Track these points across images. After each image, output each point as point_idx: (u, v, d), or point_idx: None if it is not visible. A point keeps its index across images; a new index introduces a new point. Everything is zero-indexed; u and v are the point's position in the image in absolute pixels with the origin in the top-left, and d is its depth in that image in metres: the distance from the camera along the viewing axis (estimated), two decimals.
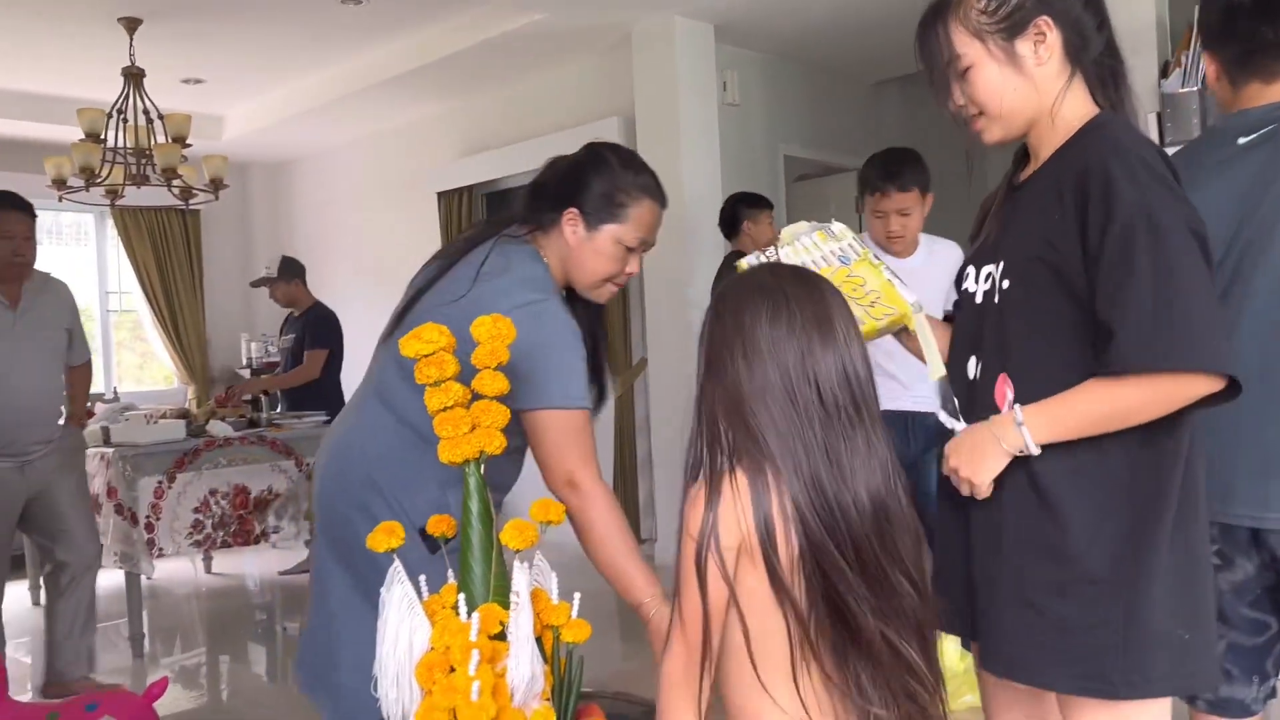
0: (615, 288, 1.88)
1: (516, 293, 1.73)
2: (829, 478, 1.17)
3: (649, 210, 1.82)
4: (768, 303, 1.22)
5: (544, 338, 1.70)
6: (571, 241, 1.82)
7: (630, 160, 1.85)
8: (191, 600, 5.20)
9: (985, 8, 1.36)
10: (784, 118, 5.79)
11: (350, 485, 1.79)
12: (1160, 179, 1.24)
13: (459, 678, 1.24)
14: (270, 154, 7.85)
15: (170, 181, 4.88)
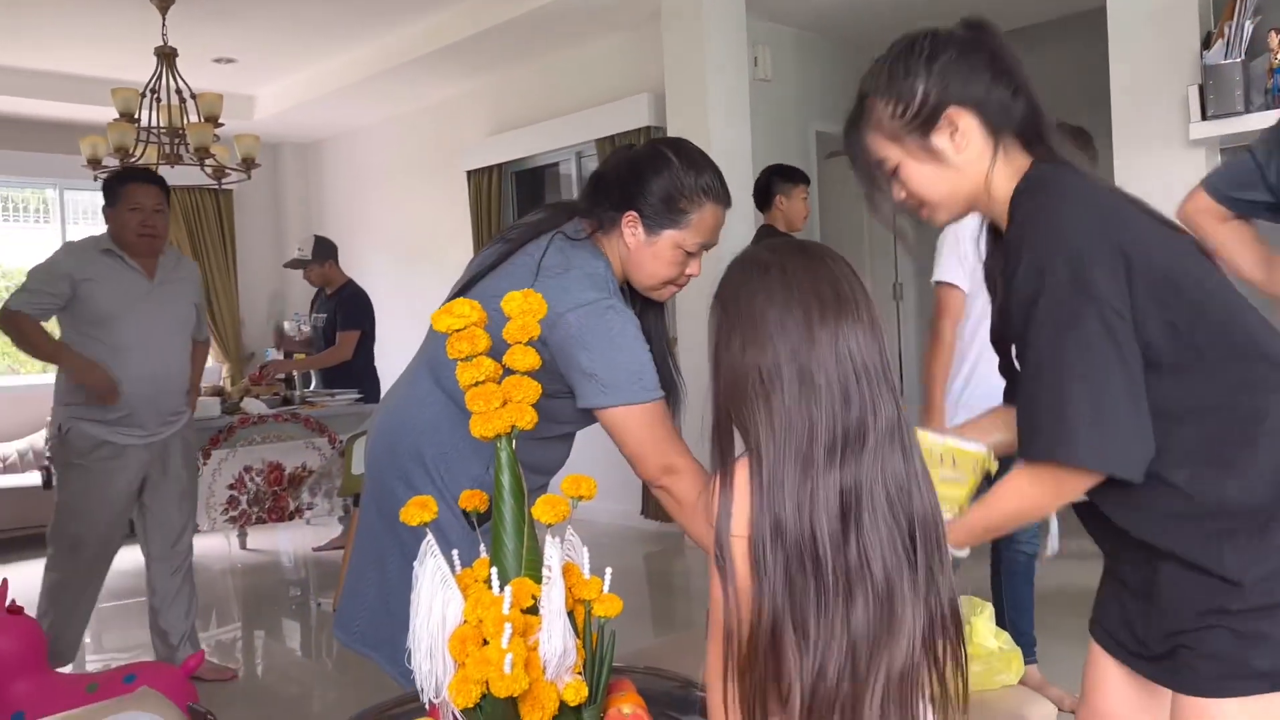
0: (676, 288, 1.84)
1: (577, 291, 1.71)
2: (823, 475, 1.08)
3: (711, 214, 1.77)
4: (765, 280, 1.15)
5: (610, 336, 1.69)
6: (631, 244, 1.78)
7: (693, 160, 1.78)
8: (227, 576, 5.26)
9: (894, 113, 1.37)
10: (816, 93, 5.73)
11: (398, 457, 1.83)
12: (1072, 259, 1.21)
13: (492, 650, 1.24)
14: (301, 133, 7.89)
15: (203, 161, 4.91)
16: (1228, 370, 1.23)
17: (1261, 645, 1.18)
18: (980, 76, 1.33)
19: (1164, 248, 1.27)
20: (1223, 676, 1.21)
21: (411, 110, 7.08)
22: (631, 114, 5.41)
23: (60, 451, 3.24)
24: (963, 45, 1.35)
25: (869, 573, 1.07)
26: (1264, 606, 1.18)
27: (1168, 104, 3.42)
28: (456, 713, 1.30)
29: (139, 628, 4.31)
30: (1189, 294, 1.24)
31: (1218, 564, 1.19)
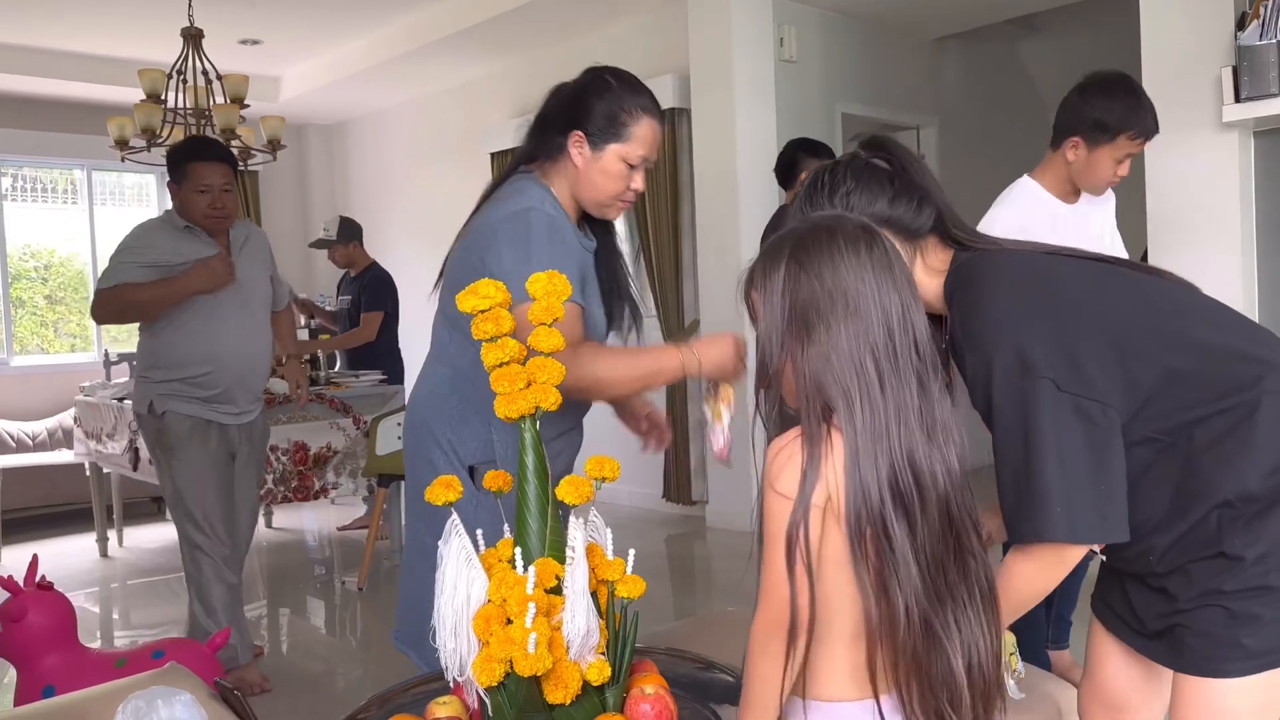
0: (624, 204, 1.95)
1: (507, 205, 1.85)
2: (921, 444, 1.12)
3: (649, 128, 1.89)
4: (867, 255, 1.16)
5: (528, 236, 1.82)
6: (579, 163, 1.89)
7: (630, 81, 1.92)
8: (252, 554, 5.30)
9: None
10: (842, 74, 5.68)
11: (416, 437, 1.92)
12: (1014, 346, 1.27)
13: (516, 630, 1.25)
14: (326, 115, 7.91)
15: (229, 142, 4.93)
16: (1210, 379, 1.26)
17: (1253, 625, 1.22)
18: (881, 197, 1.42)
19: (1099, 295, 1.32)
20: (1218, 655, 1.25)
21: (435, 92, 7.08)
22: (656, 94, 5.37)
23: (159, 435, 3.14)
24: (859, 173, 1.44)
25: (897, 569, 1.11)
26: (1258, 588, 1.22)
27: (1200, 86, 3.37)
28: (480, 691, 1.31)
29: (166, 604, 4.37)
30: (1141, 327, 1.29)
31: (1218, 543, 1.23)
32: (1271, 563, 1.21)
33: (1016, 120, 6.77)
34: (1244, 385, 1.25)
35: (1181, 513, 1.26)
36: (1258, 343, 1.32)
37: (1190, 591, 1.26)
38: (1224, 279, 3.35)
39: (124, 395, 4.62)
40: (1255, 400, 1.24)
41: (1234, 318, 1.37)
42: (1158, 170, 3.49)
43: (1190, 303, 1.36)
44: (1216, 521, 1.23)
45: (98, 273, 7.33)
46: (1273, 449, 1.23)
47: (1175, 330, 1.30)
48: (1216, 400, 1.25)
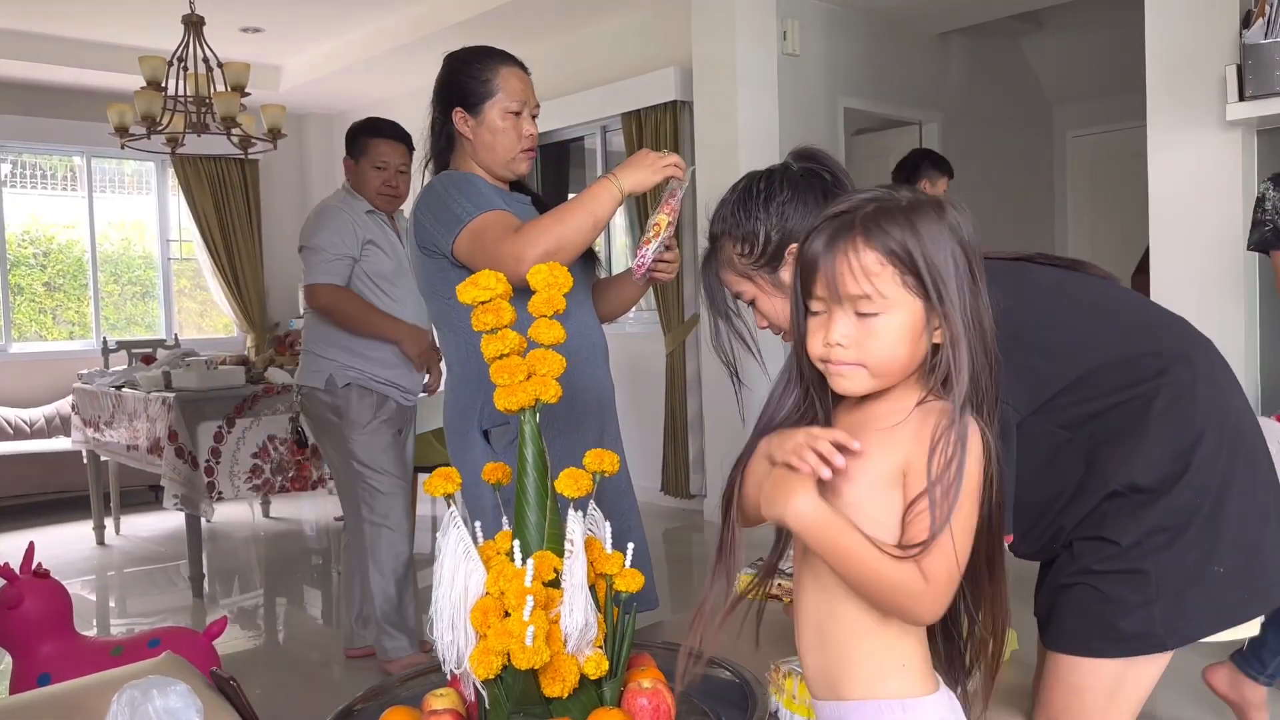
0: (527, 155, 2.09)
1: (441, 175, 2.07)
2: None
3: (513, 75, 2.05)
4: (962, 232, 1.04)
5: (447, 186, 2.01)
6: (471, 136, 2.06)
7: (479, 50, 2.12)
8: (249, 543, 5.32)
9: (742, 252, 1.49)
10: (845, 69, 5.67)
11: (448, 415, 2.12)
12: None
13: (513, 623, 1.24)
14: (327, 104, 7.89)
15: (229, 130, 4.92)
16: (1114, 375, 1.27)
17: (1121, 608, 1.24)
18: (815, 208, 1.42)
19: (1015, 293, 1.29)
20: (1088, 634, 1.27)
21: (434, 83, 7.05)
22: (658, 88, 5.37)
23: (339, 410, 3.13)
24: (794, 183, 1.45)
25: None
26: (1130, 570, 1.24)
27: (1204, 84, 3.36)
28: (477, 683, 1.31)
29: (163, 593, 4.37)
30: (1053, 325, 1.29)
31: (1100, 527, 1.26)
32: (1145, 547, 1.23)
33: (1020, 117, 6.76)
34: (1144, 378, 1.26)
35: (1080, 498, 1.28)
36: (1162, 334, 1.32)
37: (1070, 567, 1.29)
38: (1225, 278, 3.34)
39: (123, 382, 4.62)
40: (1151, 393, 1.25)
41: (1147, 310, 1.38)
42: (1160, 168, 3.48)
43: (1105, 297, 1.35)
44: (1105, 508, 1.26)
45: (97, 260, 7.36)
46: (1162, 443, 1.24)
47: (1087, 328, 1.30)
48: (1115, 393, 1.26)
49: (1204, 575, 1.24)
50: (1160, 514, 1.23)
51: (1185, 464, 1.24)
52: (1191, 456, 1.24)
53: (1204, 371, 1.30)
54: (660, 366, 5.53)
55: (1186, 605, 1.24)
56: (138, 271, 7.69)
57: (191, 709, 1.05)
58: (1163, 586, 1.23)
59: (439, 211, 1.99)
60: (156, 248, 7.72)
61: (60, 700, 1.24)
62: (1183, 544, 1.23)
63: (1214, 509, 1.24)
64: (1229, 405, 1.30)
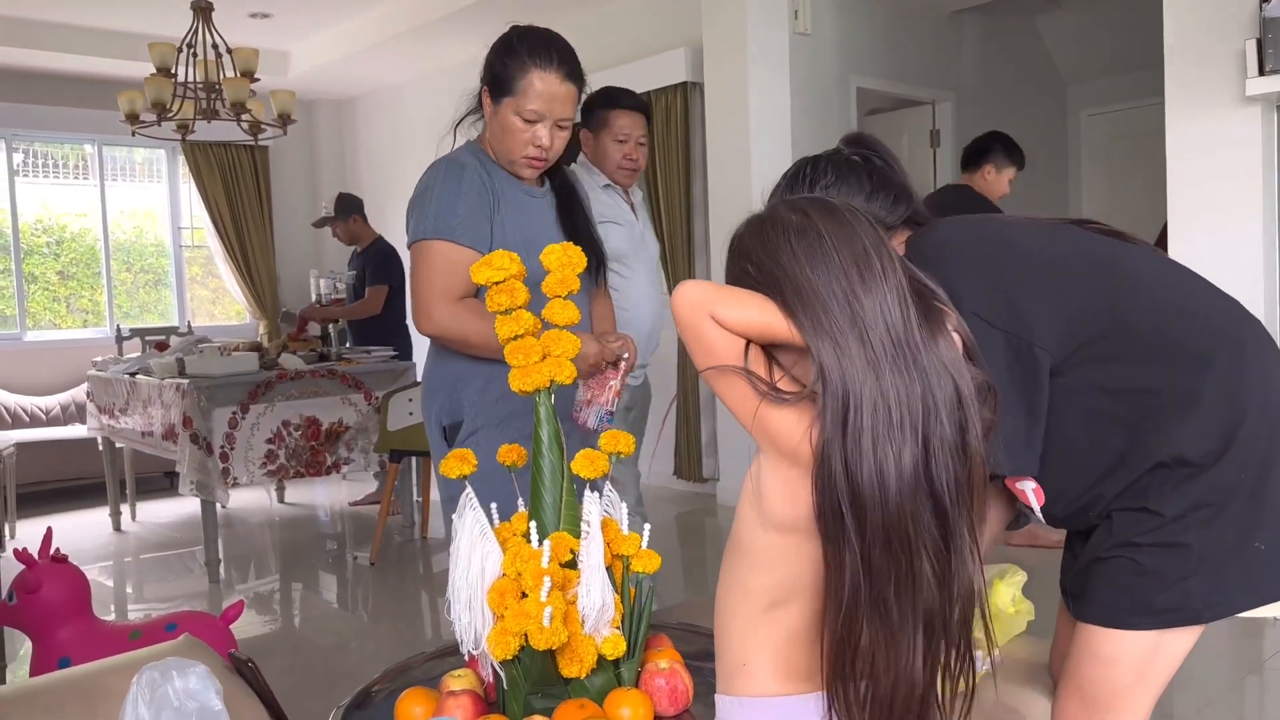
0: (532, 163, 1.97)
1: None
2: (870, 434, 0.99)
3: (539, 80, 1.89)
4: (804, 243, 1.08)
5: (428, 182, 1.96)
6: (488, 118, 1.98)
7: (533, 37, 1.93)
8: (265, 529, 5.34)
9: None
10: (857, 48, 5.62)
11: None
12: (946, 289, 1.21)
13: (531, 603, 1.24)
14: (336, 90, 7.87)
15: (239, 116, 4.91)
16: (1159, 360, 1.27)
17: (1159, 581, 1.24)
18: (859, 192, 1.43)
19: (1046, 243, 1.35)
20: (1120, 606, 1.27)
21: (447, 66, 7.03)
22: (669, 69, 5.33)
23: None
24: (839, 167, 1.46)
25: (926, 547, 1.00)
26: (1171, 544, 1.24)
27: (1224, 59, 3.31)
28: (495, 664, 1.30)
29: (179, 578, 4.40)
30: (1100, 300, 1.29)
31: (1144, 498, 1.25)
32: (1189, 521, 1.23)
33: (1034, 96, 6.70)
34: (1190, 365, 1.27)
35: (1123, 467, 1.27)
36: (1214, 311, 1.32)
37: (1108, 541, 1.29)
38: (1245, 252, 3.30)
39: (137, 369, 4.63)
40: (1202, 369, 1.26)
41: (1192, 286, 1.36)
42: (1179, 143, 3.44)
43: (1148, 267, 1.36)
44: (1148, 481, 1.25)
45: (110, 248, 7.37)
46: (1210, 418, 1.25)
47: (1133, 293, 1.31)
48: (1166, 369, 1.26)
49: (1244, 551, 1.24)
50: (1204, 489, 1.23)
51: (1230, 440, 1.24)
52: (1236, 433, 1.24)
53: (1254, 350, 1.30)
54: (671, 351, 5.53)
55: (1225, 581, 1.24)
56: (150, 259, 7.71)
57: (210, 690, 1.05)
58: (1203, 561, 1.23)
59: (414, 205, 2.00)
60: (168, 235, 7.73)
61: (80, 682, 1.24)
62: (1224, 520, 1.23)
63: (1256, 486, 1.24)
64: (1273, 384, 1.30)
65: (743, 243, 1.14)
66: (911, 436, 0.98)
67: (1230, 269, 3.24)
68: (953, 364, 1.03)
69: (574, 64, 1.95)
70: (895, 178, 1.47)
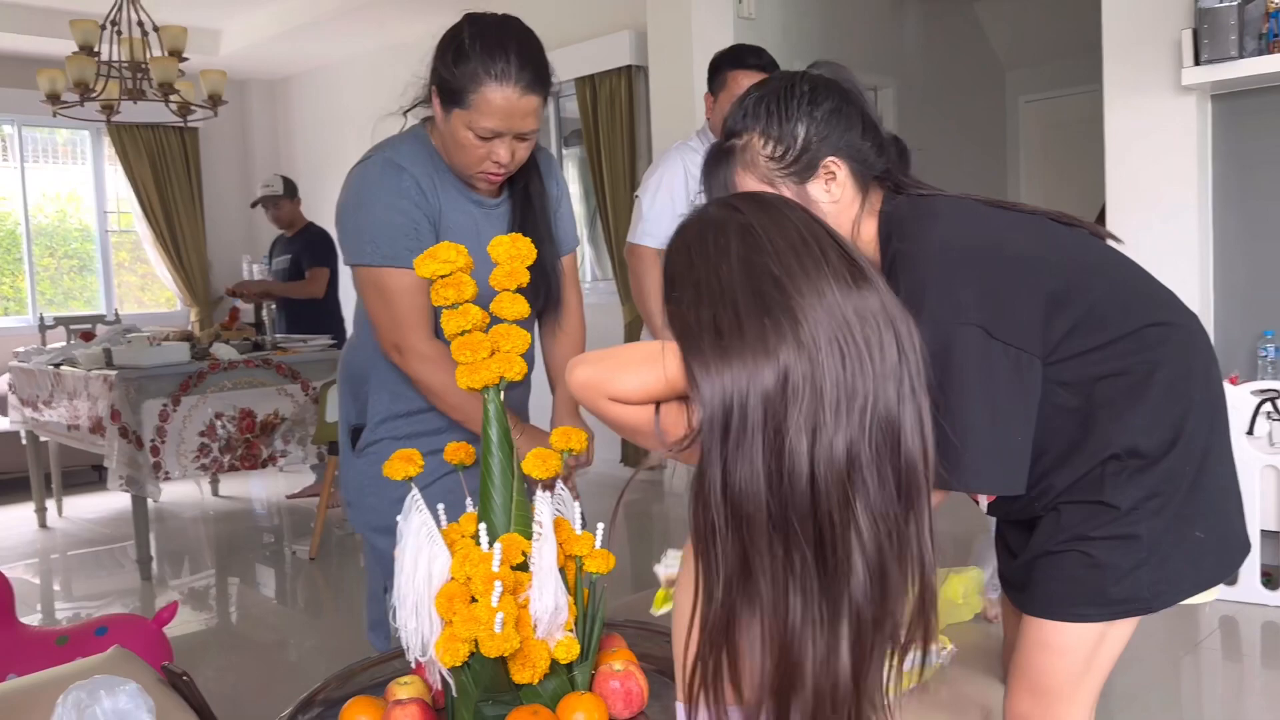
0: (486, 177, 1.72)
1: (363, 157, 1.76)
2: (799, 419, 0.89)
3: (497, 95, 1.60)
4: (741, 241, 0.98)
5: (359, 189, 1.73)
6: (439, 121, 1.70)
7: (490, 36, 1.62)
8: (198, 523, 5.20)
9: (773, 154, 1.34)
10: (800, 33, 5.61)
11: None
12: (948, 296, 1.20)
13: (481, 609, 1.20)
14: (269, 70, 7.67)
15: (167, 97, 4.74)
16: (1122, 341, 1.26)
17: (1114, 573, 1.23)
18: (855, 129, 1.34)
19: (1035, 245, 1.29)
20: (1074, 599, 1.26)
21: (383, 46, 6.88)
22: (612, 52, 5.27)
23: None
24: (840, 96, 1.35)
25: (859, 537, 0.90)
26: (1125, 536, 1.23)
27: (1160, 48, 3.36)
28: (444, 671, 1.26)
29: (110, 576, 4.26)
30: (1068, 279, 1.26)
31: (1099, 491, 1.24)
32: (1141, 513, 1.23)
33: (974, 82, 6.77)
34: (1149, 345, 1.26)
35: (1074, 459, 1.26)
36: (1166, 306, 1.32)
37: (1058, 535, 1.27)
38: (1181, 242, 3.36)
39: (61, 360, 4.46)
40: (1156, 360, 1.25)
41: (1149, 279, 1.36)
42: (1116, 132, 3.48)
43: (1115, 262, 1.35)
44: (1101, 473, 1.24)
45: (30, 233, 7.10)
46: (1163, 409, 1.24)
47: (1102, 285, 1.29)
48: (1122, 358, 1.25)
49: (1187, 540, 1.25)
50: (1156, 480, 1.23)
51: (1179, 432, 1.24)
52: (1184, 425, 1.25)
53: (1199, 342, 1.31)
54: (619, 337, 5.48)
55: (1171, 570, 1.25)
56: (74, 244, 7.45)
57: (142, 709, 0.99)
58: (1153, 551, 1.23)
59: (348, 214, 1.74)
60: (93, 219, 7.48)
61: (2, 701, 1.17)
62: (1171, 510, 1.24)
63: (1197, 476, 1.26)
64: (1212, 375, 1.32)
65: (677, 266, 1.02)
66: (855, 416, 0.89)
67: (1166, 257, 3.29)
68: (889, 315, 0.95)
69: (538, 68, 1.64)
70: (876, 122, 1.38)
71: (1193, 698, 2.69)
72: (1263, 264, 3.39)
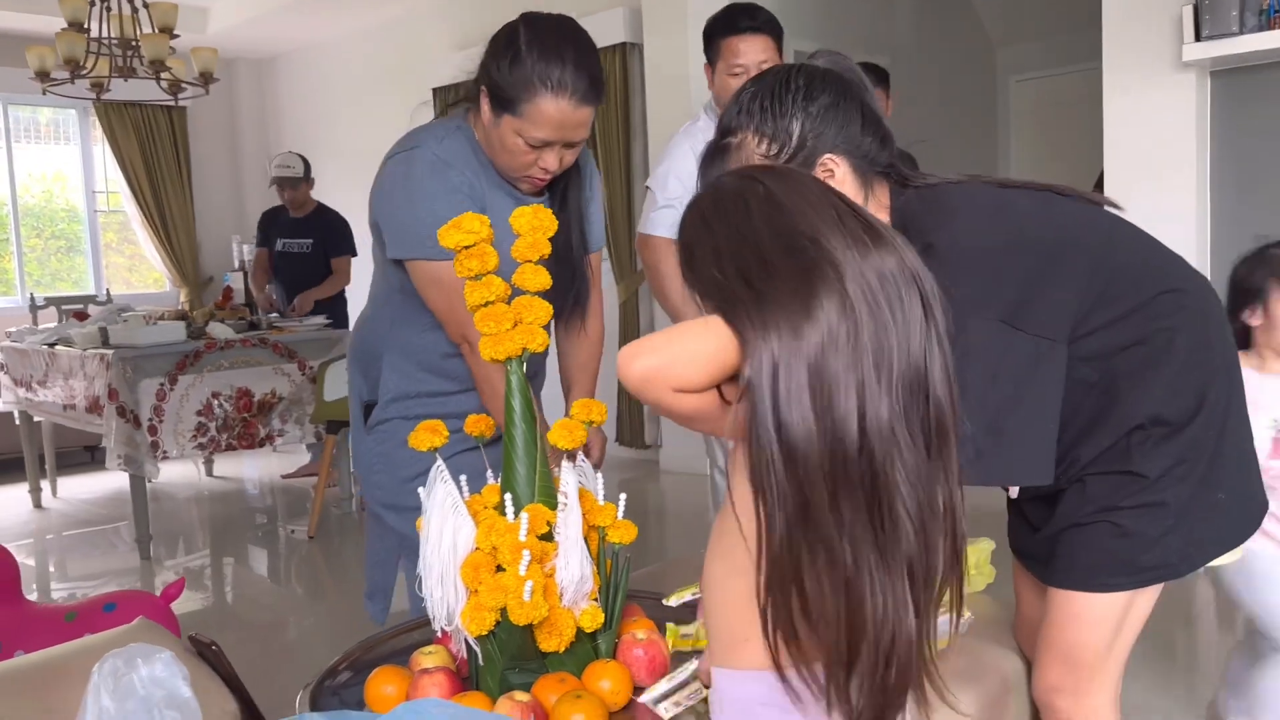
0: (531, 181, 1.71)
1: (402, 142, 1.70)
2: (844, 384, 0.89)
3: (551, 107, 1.57)
4: (757, 201, 0.98)
5: (407, 184, 1.67)
6: (486, 122, 1.66)
7: (548, 43, 1.58)
8: (194, 504, 5.19)
9: (767, 152, 1.30)
10: (795, 11, 5.57)
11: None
12: (972, 290, 1.16)
13: (509, 578, 1.21)
14: (257, 48, 7.59)
15: (159, 74, 4.70)
16: (1138, 311, 1.26)
17: (1142, 542, 1.24)
18: (854, 124, 1.31)
19: (1056, 229, 1.28)
20: (1103, 569, 1.27)
21: (374, 23, 6.82)
22: (606, 29, 5.24)
23: None
24: (839, 90, 1.31)
25: (901, 488, 0.90)
26: (1153, 504, 1.24)
27: (1160, 25, 3.36)
28: (470, 640, 1.27)
29: (105, 556, 4.25)
30: (1088, 259, 1.26)
31: (1126, 461, 1.25)
32: (1168, 480, 1.24)
33: (964, 60, 6.76)
34: (1164, 313, 1.26)
35: (1098, 432, 1.27)
36: (1177, 271, 1.33)
37: (1085, 507, 1.28)
38: (1179, 218, 3.38)
39: (56, 340, 4.43)
40: (1175, 328, 1.26)
41: (1157, 245, 1.37)
42: (1116, 108, 3.49)
43: (1124, 231, 1.35)
44: (1127, 443, 1.25)
45: (18, 213, 7.03)
46: (1185, 377, 1.25)
47: (1115, 258, 1.29)
48: (1139, 327, 1.26)
49: (1211, 504, 1.26)
50: (1182, 447, 1.25)
51: (1202, 398, 1.26)
52: (1207, 391, 1.26)
53: (1212, 306, 1.33)
54: (613, 315, 5.48)
55: (1197, 534, 1.26)
56: (61, 225, 7.39)
57: (178, 677, 0.99)
58: (1180, 517, 1.25)
59: (396, 204, 1.69)
60: (80, 200, 7.41)
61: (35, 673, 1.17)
62: (1196, 476, 1.25)
63: (1219, 440, 1.27)
64: (1227, 338, 1.33)
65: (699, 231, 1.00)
66: (889, 370, 0.90)
67: (1163, 233, 3.27)
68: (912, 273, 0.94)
69: (594, 77, 1.61)
70: (879, 114, 1.35)
71: (1185, 671, 2.72)
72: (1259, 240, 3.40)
